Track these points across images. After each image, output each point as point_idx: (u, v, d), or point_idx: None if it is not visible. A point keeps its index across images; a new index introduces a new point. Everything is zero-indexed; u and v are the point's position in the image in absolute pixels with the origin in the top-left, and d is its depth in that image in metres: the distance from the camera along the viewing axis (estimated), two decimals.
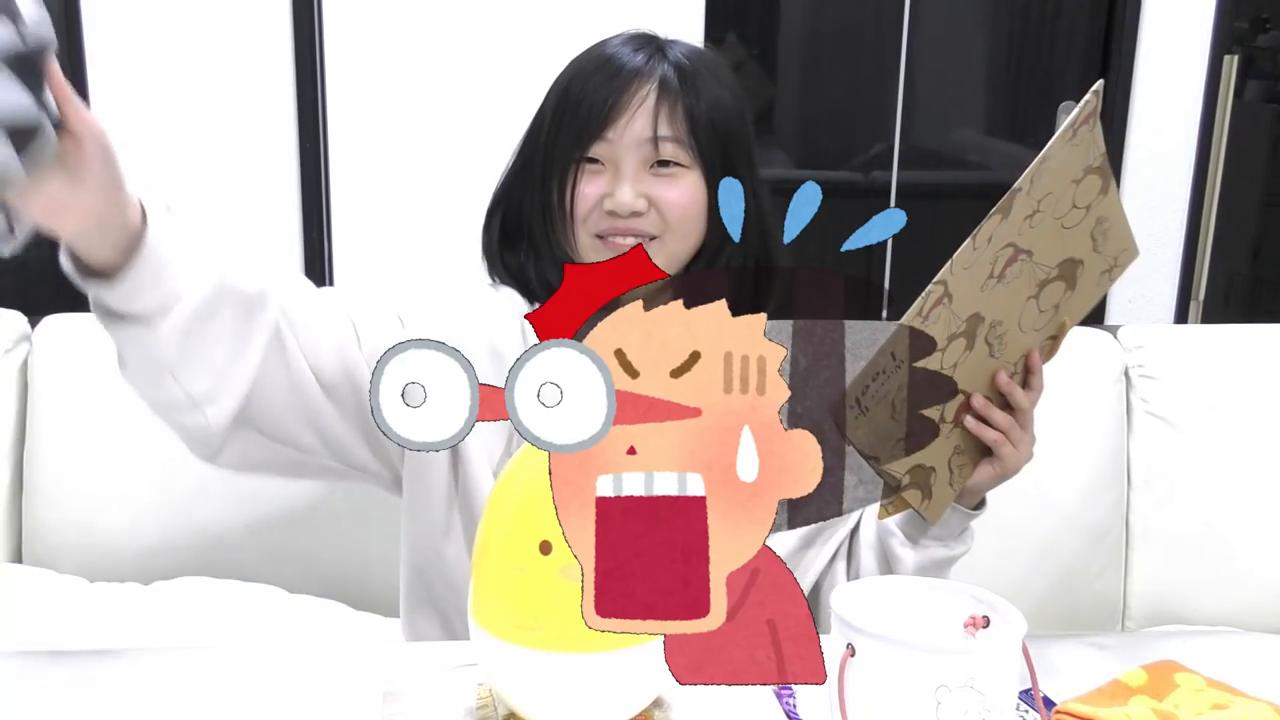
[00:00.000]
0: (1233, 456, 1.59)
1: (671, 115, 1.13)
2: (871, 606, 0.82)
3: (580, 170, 1.14)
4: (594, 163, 1.14)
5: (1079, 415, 1.61)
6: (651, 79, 1.13)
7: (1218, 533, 1.59)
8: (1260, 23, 2.73)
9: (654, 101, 1.13)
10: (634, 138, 1.13)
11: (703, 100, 1.14)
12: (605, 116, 1.12)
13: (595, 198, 1.14)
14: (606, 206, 1.13)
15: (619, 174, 1.13)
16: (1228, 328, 1.77)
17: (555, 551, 0.73)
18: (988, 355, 1.05)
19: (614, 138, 1.13)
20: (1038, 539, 1.58)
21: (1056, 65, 2.55)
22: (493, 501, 0.78)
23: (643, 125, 1.13)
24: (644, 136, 1.13)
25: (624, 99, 1.12)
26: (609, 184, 1.14)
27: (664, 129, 1.13)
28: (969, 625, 0.80)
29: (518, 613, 0.75)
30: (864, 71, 2.54)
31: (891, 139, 2.51)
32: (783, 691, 0.94)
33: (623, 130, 1.13)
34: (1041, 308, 1.07)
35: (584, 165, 1.14)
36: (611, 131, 1.13)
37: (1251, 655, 1.09)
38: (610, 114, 1.12)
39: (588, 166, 1.14)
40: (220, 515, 1.56)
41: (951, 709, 0.76)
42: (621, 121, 1.12)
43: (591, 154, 1.14)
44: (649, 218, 1.14)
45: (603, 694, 0.77)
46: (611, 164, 1.14)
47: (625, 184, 1.13)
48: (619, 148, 1.13)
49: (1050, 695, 0.92)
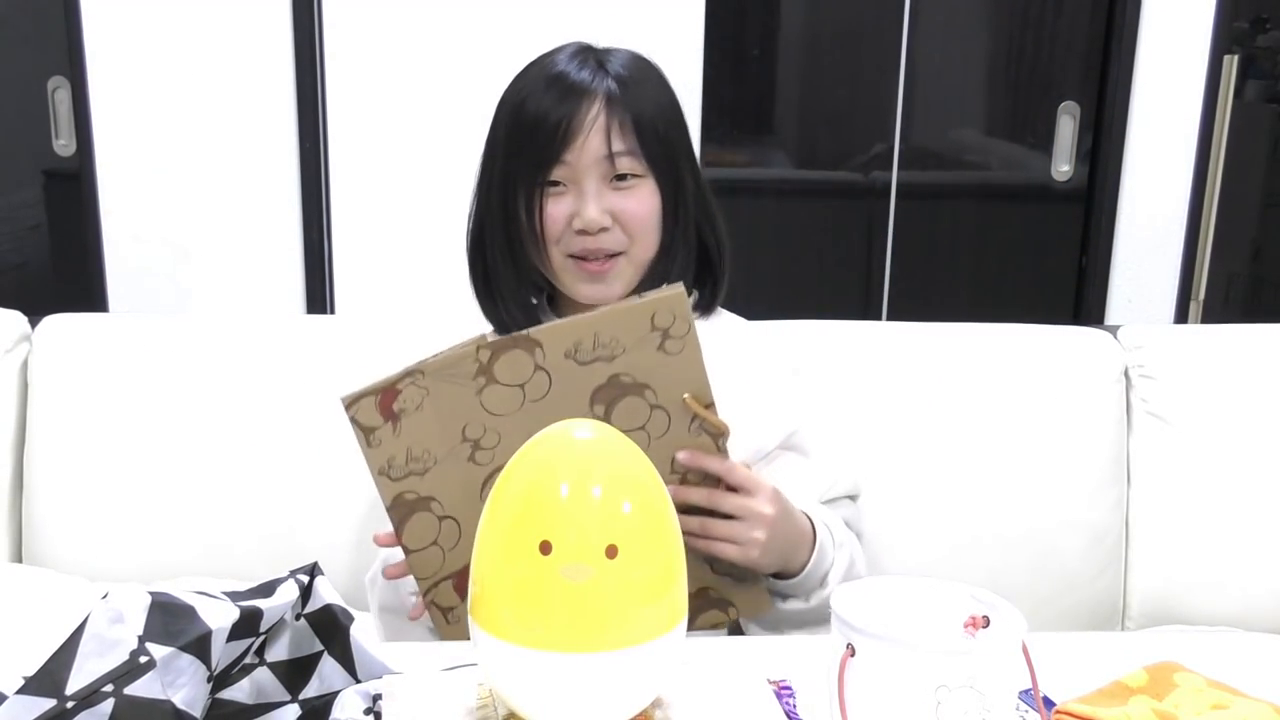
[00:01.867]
0: (1233, 456, 1.59)
1: (622, 129, 1.16)
2: (871, 606, 0.82)
3: (544, 193, 1.17)
4: (555, 184, 1.17)
5: (1079, 415, 1.61)
6: (598, 95, 1.16)
7: (1218, 533, 1.59)
8: (1260, 23, 2.73)
9: (605, 119, 1.15)
10: (591, 156, 1.16)
11: (646, 109, 1.17)
12: (562, 139, 1.15)
13: (564, 218, 1.17)
14: (575, 226, 1.17)
15: (582, 192, 1.17)
16: (1228, 328, 1.77)
17: (555, 551, 0.73)
18: None
19: (572, 159, 1.15)
20: (1038, 539, 1.58)
21: (1056, 65, 2.55)
22: (493, 501, 0.78)
23: (598, 143, 1.16)
24: (600, 154, 1.16)
25: (577, 120, 1.15)
26: (574, 203, 1.17)
27: (617, 144, 1.16)
28: (969, 625, 0.80)
29: (518, 613, 0.75)
30: (864, 71, 2.54)
31: (891, 139, 2.51)
32: (783, 691, 0.94)
33: (579, 151, 1.15)
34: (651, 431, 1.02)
35: (546, 188, 1.17)
36: (569, 153, 1.15)
37: (1251, 655, 1.09)
38: (566, 136, 1.15)
39: (550, 189, 1.17)
40: (220, 515, 1.56)
41: (951, 709, 0.76)
42: (578, 142, 1.15)
43: (552, 176, 1.16)
44: (614, 233, 1.18)
45: (603, 694, 0.77)
46: (573, 184, 1.17)
47: (589, 201, 1.16)
48: (578, 168, 1.16)
49: (1050, 695, 0.92)
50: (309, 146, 2.26)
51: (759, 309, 1.31)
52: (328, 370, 1.59)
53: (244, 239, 2.29)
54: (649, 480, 0.79)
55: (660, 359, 0.98)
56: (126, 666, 0.75)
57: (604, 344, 0.93)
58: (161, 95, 2.22)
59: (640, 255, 1.21)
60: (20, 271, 2.61)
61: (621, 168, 1.17)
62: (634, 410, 0.99)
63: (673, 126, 1.20)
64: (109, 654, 0.76)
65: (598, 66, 1.18)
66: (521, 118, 1.17)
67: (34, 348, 1.61)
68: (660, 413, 1.01)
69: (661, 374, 0.99)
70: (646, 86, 1.19)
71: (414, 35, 2.24)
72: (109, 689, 0.75)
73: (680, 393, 1.00)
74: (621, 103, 1.16)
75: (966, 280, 2.62)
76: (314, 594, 0.87)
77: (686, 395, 1.01)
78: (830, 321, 1.65)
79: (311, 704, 0.87)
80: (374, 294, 2.33)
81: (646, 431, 1.00)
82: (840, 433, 1.37)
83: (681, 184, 1.21)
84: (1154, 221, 2.42)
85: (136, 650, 0.76)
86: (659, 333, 0.98)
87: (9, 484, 1.59)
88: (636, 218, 1.18)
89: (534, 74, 1.19)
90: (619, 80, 1.17)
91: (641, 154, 1.17)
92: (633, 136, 1.16)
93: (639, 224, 1.19)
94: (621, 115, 1.16)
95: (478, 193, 1.24)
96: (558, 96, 1.16)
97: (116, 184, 2.26)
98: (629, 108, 1.16)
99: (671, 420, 1.01)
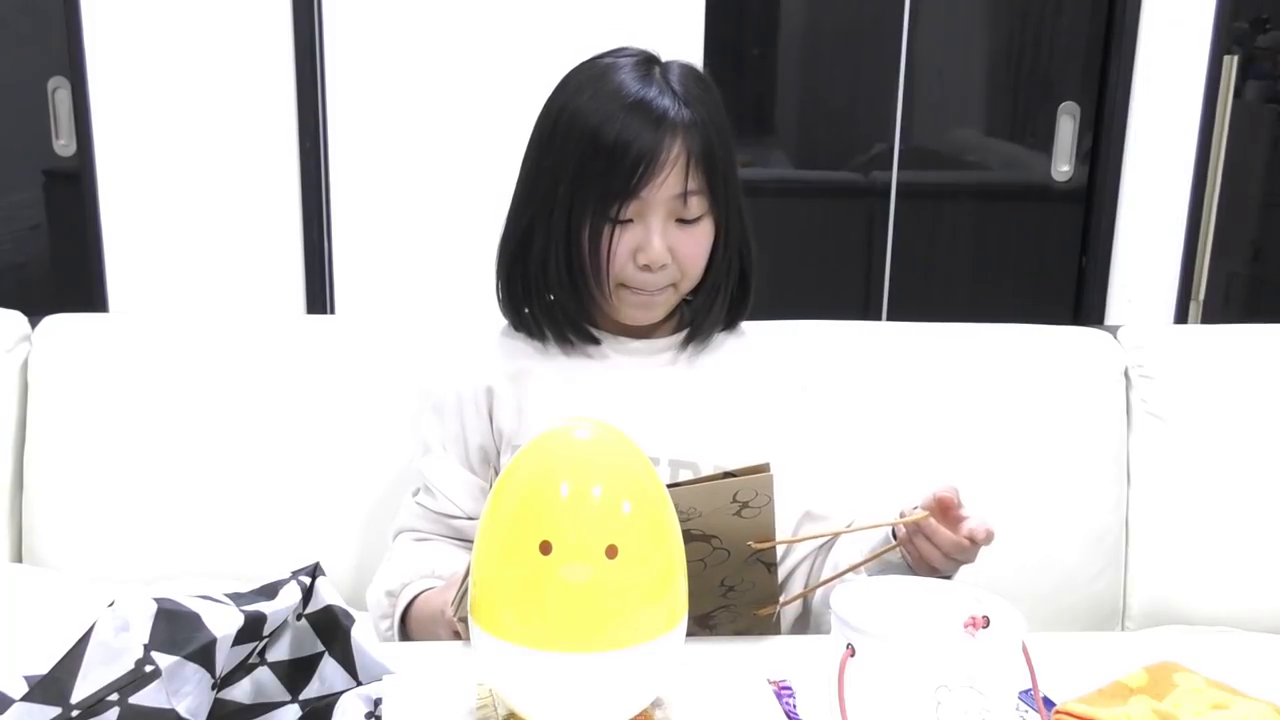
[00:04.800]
0: (1232, 457, 1.59)
1: (696, 167, 1.15)
2: (871, 606, 0.82)
3: (615, 230, 1.15)
4: (626, 221, 1.16)
5: (1079, 415, 1.61)
6: (678, 128, 1.13)
7: (1218, 533, 1.59)
8: (1260, 23, 2.73)
9: (684, 155, 1.14)
10: (666, 194, 1.14)
11: (714, 141, 1.15)
12: (643, 175, 1.12)
13: (629, 253, 1.16)
14: (640, 261, 1.16)
15: (648, 228, 1.15)
16: (1228, 328, 1.77)
17: (555, 551, 0.73)
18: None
19: (647, 195, 1.14)
20: (1038, 539, 1.58)
21: (1056, 65, 2.55)
22: (493, 501, 0.78)
23: (675, 182, 1.14)
24: (675, 193, 1.14)
25: (659, 157, 1.12)
26: (639, 237, 1.15)
27: (692, 183, 1.15)
28: (969, 625, 0.80)
29: (518, 613, 0.75)
30: (864, 71, 2.54)
31: (891, 139, 2.51)
32: (783, 691, 0.94)
33: (657, 188, 1.13)
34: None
35: (618, 225, 1.15)
36: (646, 190, 1.13)
37: (1251, 655, 1.10)
38: (647, 173, 1.12)
39: (619, 224, 1.16)
40: (221, 515, 1.56)
41: (951, 709, 0.76)
42: (657, 180, 1.13)
43: (625, 215, 1.15)
44: (670, 269, 1.18)
45: (603, 694, 0.77)
46: (640, 218, 1.15)
47: (655, 237, 1.15)
48: (650, 203, 1.14)
49: (1050, 695, 0.92)
50: (309, 146, 2.26)
51: (759, 309, 1.31)
52: (328, 370, 1.60)
53: (244, 239, 2.29)
54: (649, 480, 0.79)
55: (734, 522, 1.00)
56: (132, 675, 0.75)
57: (682, 511, 0.90)
58: (161, 95, 2.22)
59: (687, 287, 1.22)
60: (20, 271, 2.61)
61: (691, 208, 1.16)
62: (696, 551, 1.00)
63: (730, 153, 1.19)
64: (114, 662, 0.76)
65: (666, 86, 1.15)
66: (599, 145, 1.12)
67: (34, 348, 1.61)
68: (722, 552, 1.03)
69: (732, 531, 1.01)
70: (712, 111, 1.16)
71: (414, 35, 2.24)
72: (114, 698, 0.75)
73: (746, 541, 1.02)
74: (698, 135, 1.14)
75: (966, 280, 2.62)
76: (315, 594, 0.87)
77: (752, 542, 1.03)
78: (830, 321, 1.65)
79: (312, 705, 0.87)
80: (374, 294, 2.33)
81: (704, 562, 1.02)
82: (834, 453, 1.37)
83: (732, 216, 1.20)
84: (1154, 221, 2.42)
85: (142, 659, 0.76)
86: (739, 504, 0.99)
87: (9, 484, 1.59)
88: (692, 257, 1.18)
89: (604, 91, 1.15)
90: (690, 107, 1.14)
91: (708, 193, 1.16)
92: (704, 175, 1.15)
93: (693, 263, 1.19)
94: (696, 151, 1.14)
95: (528, 204, 1.20)
96: (639, 127, 1.12)
97: (116, 184, 2.26)
98: (703, 141, 1.14)
99: (731, 555, 1.03)
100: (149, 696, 0.75)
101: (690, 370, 1.26)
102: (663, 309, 1.23)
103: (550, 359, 1.24)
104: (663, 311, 1.23)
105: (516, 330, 1.27)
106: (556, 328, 1.23)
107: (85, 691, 0.75)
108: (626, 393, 1.22)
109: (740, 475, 0.98)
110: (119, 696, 0.75)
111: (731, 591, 1.07)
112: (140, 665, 0.76)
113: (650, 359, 1.25)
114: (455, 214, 2.27)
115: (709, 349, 1.27)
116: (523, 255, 1.21)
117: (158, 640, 0.77)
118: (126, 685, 0.75)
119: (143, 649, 0.76)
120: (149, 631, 0.77)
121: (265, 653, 0.86)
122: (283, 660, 0.87)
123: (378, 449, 1.55)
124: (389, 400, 1.56)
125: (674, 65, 1.19)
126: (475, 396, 1.24)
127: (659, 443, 1.19)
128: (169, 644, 0.77)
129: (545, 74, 1.22)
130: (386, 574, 1.22)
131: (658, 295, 1.20)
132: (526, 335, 1.26)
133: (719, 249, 1.21)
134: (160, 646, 0.76)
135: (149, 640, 0.77)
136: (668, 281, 1.19)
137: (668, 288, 1.20)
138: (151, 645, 0.76)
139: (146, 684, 0.75)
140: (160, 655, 0.76)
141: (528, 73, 2.14)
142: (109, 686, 0.75)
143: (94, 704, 0.74)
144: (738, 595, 1.08)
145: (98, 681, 0.75)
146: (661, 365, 1.25)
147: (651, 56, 1.19)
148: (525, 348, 1.26)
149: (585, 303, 1.20)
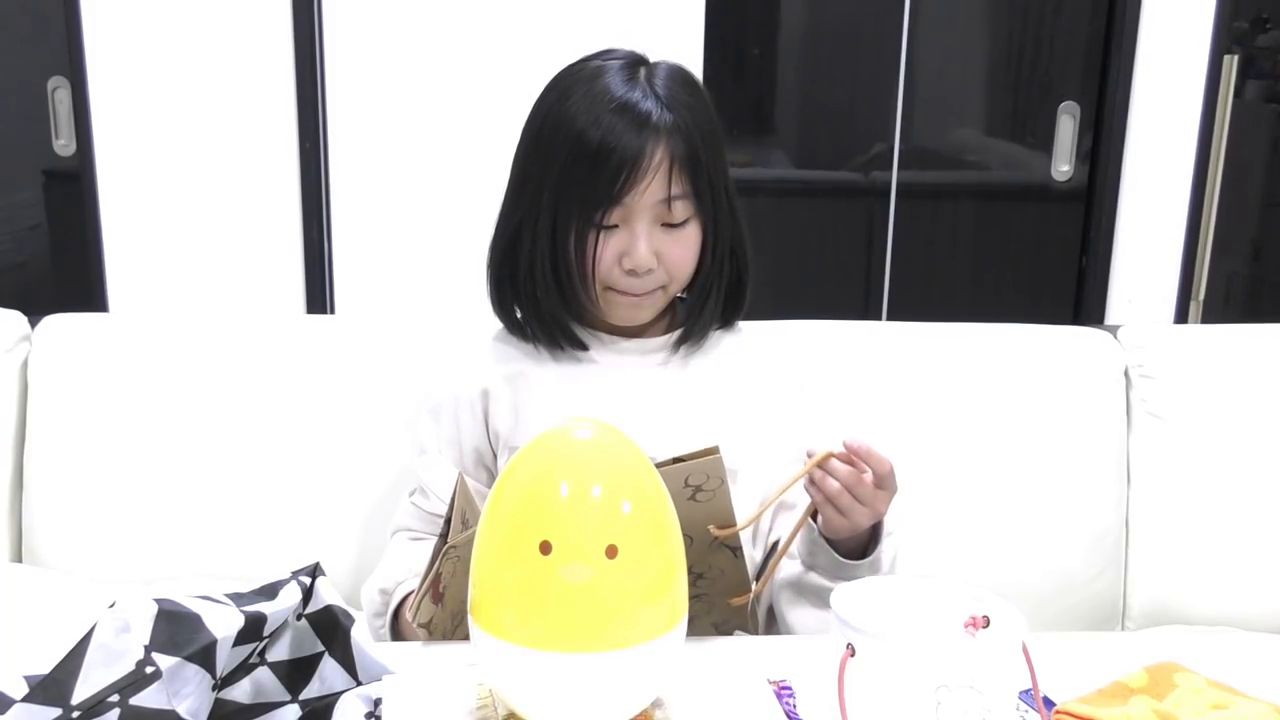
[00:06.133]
0: (1232, 456, 1.59)
1: (681, 171, 1.15)
2: (871, 606, 0.82)
3: (599, 235, 1.15)
4: (611, 227, 1.16)
5: (1079, 415, 1.61)
6: (662, 132, 1.13)
7: (1218, 533, 1.59)
8: (1260, 23, 2.73)
9: (667, 160, 1.13)
10: (651, 199, 1.14)
11: (699, 144, 1.15)
12: (626, 181, 1.12)
13: (614, 258, 1.16)
14: (625, 265, 1.16)
15: (634, 233, 1.15)
16: (1228, 328, 1.77)
17: (555, 551, 0.73)
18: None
19: (631, 201, 1.14)
20: (1038, 538, 1.58)
21: (1056, 65, 2.55)
22: (493, 501, 0.78)
23: (659, 188, 1.14)
24: (659, 198, 1.14)
25: (643, 162, 1.12)
26: (624, 242, 1.16)
27: (676, 188, 1.15)
28: (969, 625, 0.80)
29: (518, 613, 0.75)
30: (864, 71, 2.54)
31: (891, 139, 2.50)
32: (783, 691, 0.94)
33: (641, 194, 1.13)
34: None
35: (602, 231, 1.15)
36: (630, 196, 1.13)
37: (1251, 655, 1.10)
38: (630, 179, 1.12)
39: (604, 230, 1.16)
40: (221, 515, 1.56)
41: (951, 709, 0.76)
42: (640, 186, 1.13)
43: (610, 221, 1.15)
44: (658, 272, 1.18)
45: (603, 694, 0.77)
46: (625, 223, 1.16)
47: (641, 242, 1.15)
48: (634, 209, 1.14)
49: (1050, 695, 0.92)
50: (309, 146, 2.26)
51: (759, 308, 1.31)
52: (328, 370, 1.60)
53: (244, 239, 2.29)
54: (649, 480, 0.79)
55: (690, 507, 1.00)
56: (133, 677, 0.75)
57: None
58: (161, 95, 2.22)
59: (676, 289, 1.22)
60: (20, 271, 2.61)
61: (676, 212, 1.16)
62: None
63: (718, 156, 1.19)
64: (115, 664, 0.76)
65: (650, 90, 1.14)
66: (583, 149, 1.12)
67: (34, 348, 1.61)
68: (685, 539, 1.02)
69: (689, 517, 1.00)
70: (697, 113, 1.16)
71: (414, 35, 2.24)
72: (114, 699, 0.75)
73: (705, 527, 1.03)
74: (682, 139, 1.14)
75: (966, 280, 2.62)
76: (315, 594, 0.87)
77: (711, 527, 1.03)
78: (830, 321, 1.65)
79: (312, 705, 0.87)
80: (374, 294, 2.33)
81: None
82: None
83: (721, 218, 1.20)
84: (1154, 221, 2.42)
85: (143, 660, 0.76)
86: (691, 489, 0.99)
87: (9, 484, 1.59)
88: (680, 261, 1.18)
89: (589, 94, 1.14)
90: (673, 110, 1.14)
91: (693, 197, 1.16)
92: (689, 179, 1.15)
93: (681, 266, 1.19)
94: (680, 155, 1.14)
95: (516, 206, 1.20)
96: (622, 131, 1.12)
97: (116, 184, 2.26)
98: (687, 145, 1.14)
99: (694, 542, 1.02)
100: (149, 698, 0.75)
101: (684, 370, 1.26)
102: (651, 310, 1.23)
103: (544, 361, 1.25)
104: (651, 313, 1.23)
105: (510, 334, 1.27)
106: (546, 331, 1.23)
107: (86, 692, 0.75)
108: (621, 393, 1.22)
109: (689, 459, 0.98)
110: (119, 697, 0.75)
111: (701, 579, 1.07)
112: (141, 666, 0.76)
113: (643, 359, 1.25)
114: (455, 214, 2.27)
115: (705, 348, 1.27)
116: (511, 258, 1.21)
117: (158, 641, 0.77)
118: (127, 686, 0.75)
119: (143, 650, 0.76)
120: (149, 632, 0.77)
121: (265, 653, 0.86)
122: (283, 660, 0.87)
123: (377, 449, 1.55)
124: (389, 400, 1.56)
125: (660, 67, 1.18)
126: (471, 399, 1.25)
127: (653, 443, 1.19)
128: (169, 645, 0.77)
129: (545, 74, 1.22)
130: (381, 572, 1.22)
131: (646, 298, 1.20)
132: (520, 338, 1.26)
133: (708, 251, 1.21)
134: (161, 647, 0.76)
135: (149, 641, 0.77)
136: (655, 285, 1.19)
137: (656, 290, 1.20)
138: (152, 646, 0.76)
139: (147, 685, 0.75)
140: (161, 656, 0.76)
141: (527, 73, 2.13)
142: (109, 687, 0.75)
143: (94, 705, 0.74)
144: (708, 584, 1.08)
145: (98, 682, 0.75)
146: (655, 365, 1.25)
147: (639, 58, 1.19)
148: (520, 350, 1.26)
149: (573, 305, 1.21)
